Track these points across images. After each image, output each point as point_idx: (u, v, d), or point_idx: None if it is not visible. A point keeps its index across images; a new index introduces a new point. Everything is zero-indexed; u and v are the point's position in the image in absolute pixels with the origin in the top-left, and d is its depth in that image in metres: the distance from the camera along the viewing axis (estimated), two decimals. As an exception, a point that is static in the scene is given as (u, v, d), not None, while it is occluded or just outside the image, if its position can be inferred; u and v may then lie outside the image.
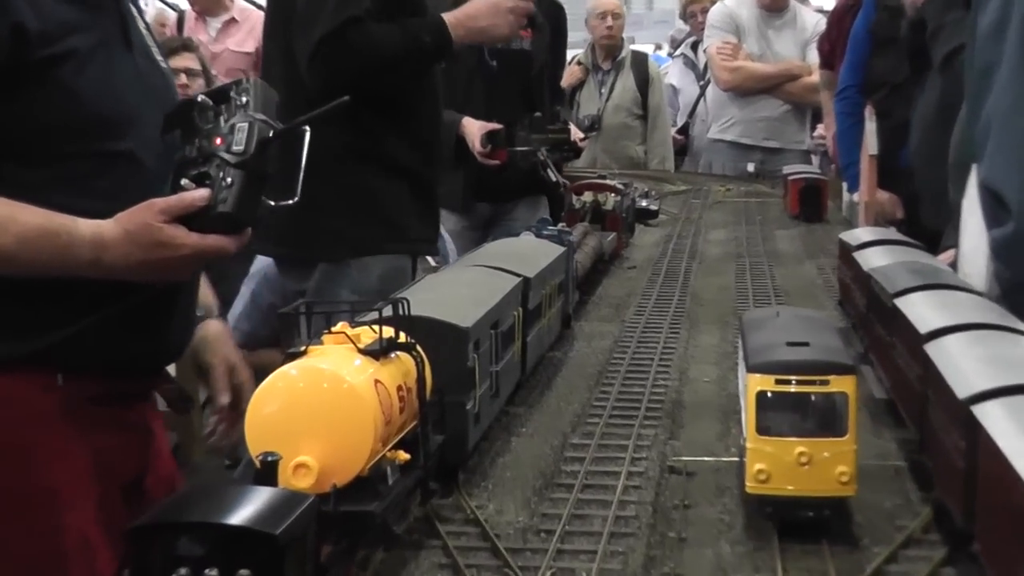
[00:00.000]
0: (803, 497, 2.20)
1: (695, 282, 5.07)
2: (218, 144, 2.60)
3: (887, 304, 3.04)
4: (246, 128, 2.59)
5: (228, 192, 2.57)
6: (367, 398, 2.05)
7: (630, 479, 2.62)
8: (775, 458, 2.20)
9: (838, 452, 2.20)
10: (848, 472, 2.20)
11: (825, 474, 2.19)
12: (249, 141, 2.58)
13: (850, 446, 2.21)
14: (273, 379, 2.07)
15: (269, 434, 2.01)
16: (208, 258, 2.65)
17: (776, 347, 2.32)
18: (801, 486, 2.20)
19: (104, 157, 2.69)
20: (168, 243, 2.57)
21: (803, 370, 2.21)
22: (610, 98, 9.66)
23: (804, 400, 2.20)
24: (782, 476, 2.19)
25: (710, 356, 3.79)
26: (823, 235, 6.33)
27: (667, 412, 3.15)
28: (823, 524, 2.23)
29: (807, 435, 2.19)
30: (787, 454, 2.19)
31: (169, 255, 2.58)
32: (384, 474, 2.12)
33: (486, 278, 3.23)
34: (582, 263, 4.55)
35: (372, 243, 4.16)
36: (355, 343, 2.18)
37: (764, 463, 2.21)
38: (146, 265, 2.59)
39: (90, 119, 2.66)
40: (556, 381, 3.52)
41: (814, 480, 2.19)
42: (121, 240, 2.57)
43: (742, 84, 9.51)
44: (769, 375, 2.21)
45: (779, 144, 9.63)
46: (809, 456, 2.19)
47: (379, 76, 4.12)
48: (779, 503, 2.23)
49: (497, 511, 2.46)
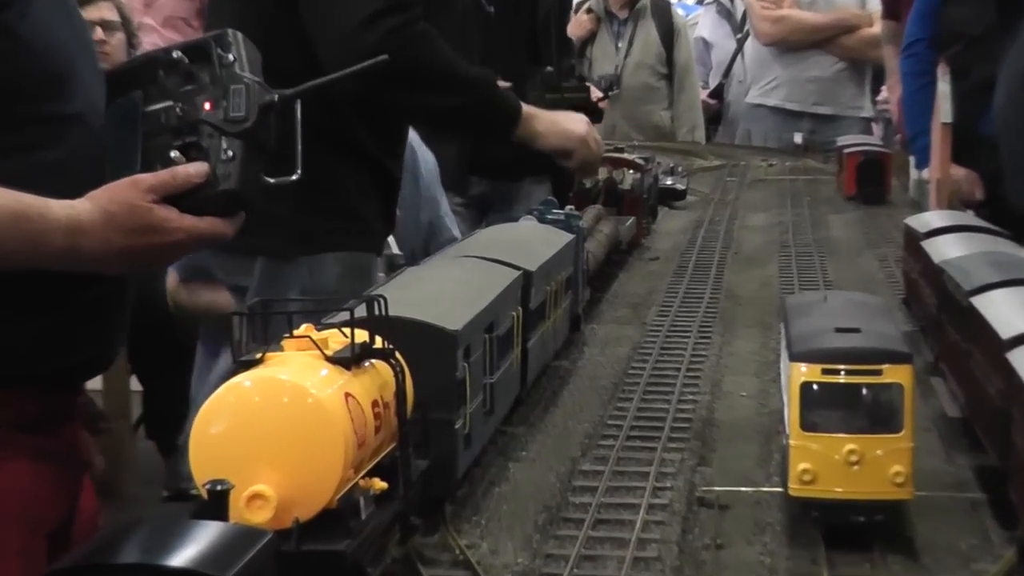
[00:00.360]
0: (853, 500, 2.27)
1: (730, 277, 5.09)
2: (207, 109, 2.59)
3: (962, 303, 3.06)
4: (244, 91, 2.59)
5: (230, 167, 2.57)
6: (336, 415, 2.06)
7: (651, 513, 2.63)
8: (822, 457, 2.26)
9: (893, 450, 2.26)
10: (904, 472, 2.26)
11: (878, 475, 2.25)
12: (250, 106, 2.58)
13: (906, 443, 2.27)
14: (223, 392, 2.08)
15: (218, 458, 2.02)
16: (203, 245, 2.65)
17: (823, 334, 2.39)
18: (851, 488, 2.26)
19: (58, 122, 2.68)
20: (159, 227, 2.56)
21: (853, 358, 2.28)
22: (629, 53, 9.66)
23: (854, 392, 2.27)
24: (829, 477, 2.26)
25: (748, 366, 3.80)
26: (886, 220, 6.35)
27: (696, 433, 3.17)
28: (875, 530, 2.29)
29: (858, 431, 2.26)
30: (835, 452, 2.25)
31: (158, 241, 2.57)
32: (356, 506, 2.13)
33: (478, 272, 3.24)
34: (594, 254, 4.57)
35: (330, 237, 4.18)
36: (322, 349, 2.19)
37: (809, 462, 2.27)
38: (129, 253, 2.57)
39: (40, 74, 2.65)
40: (563, 395, 3.54)
41: (866, 481, 2.25)
42: (101, 224, 2.55)
43: (788, 37, 9.53)
44: (815, 364, 2.28)
45: (833, 110, 9.64)
46: (860, 455, 2.25)
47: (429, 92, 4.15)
48: (826, 507, 2.30)
49: (492, 551, 2.47)
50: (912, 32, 6.78)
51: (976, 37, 6.06)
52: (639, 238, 5.69)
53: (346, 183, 4.21)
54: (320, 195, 4.13)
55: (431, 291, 2.93)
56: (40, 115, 2.67)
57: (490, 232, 4.00)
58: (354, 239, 4.24)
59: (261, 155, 2.63)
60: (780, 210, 6.75)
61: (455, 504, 2.67)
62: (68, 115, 2.71)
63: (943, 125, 5.57)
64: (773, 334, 4.08)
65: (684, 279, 5.00)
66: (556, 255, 3.69)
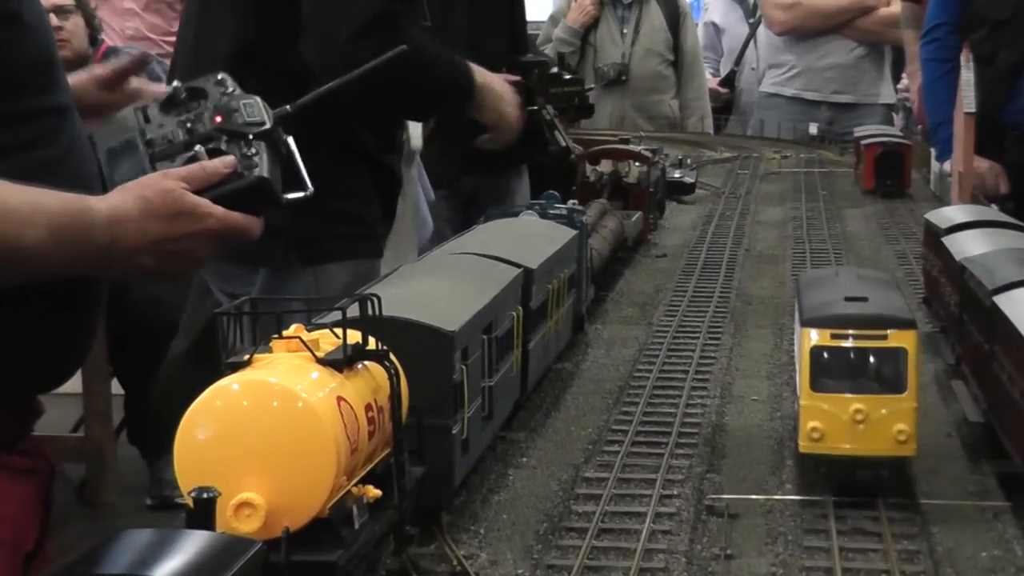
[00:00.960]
0: (859, 456, 2.55)
1: (741, 275, 5.10)
2: (218, 122, 2.71)
3: (985, 303, 3.07)
4: (256, 102, 2.73)
5: (257, 159, 2.68)
6: (327, 420, 2.08)
7: (658, 522, 2.65)
8: (830, 416, 2.54)
9: (897, 410, 2.54)
10: (907, 431, 2.53)
11: (883, 433, 2.52)
12: (263, 114, 2.72)
13: (910, 403, 2.54)
14: (209, 396, 2.09)
15: (204, 465, 2.03)
16: (234, 236, 2.70)
17: (833, 302, 2.68)
18: (857, 445, 2.54)
19: (52, 115, 2.71)
20: (193, 211, 2.63)
21: (861, 324, 2.56)
22: (637, 40, 9.66)
23: (861, 355, 2.55)
24: (837, 435, 2.54)
25: (760, 368, 3.82)
26: (905, 214, 6.36)
27: (705, 438, 3.18)
28: (880, 485, 2.58)
29: (864, 392, 2.53)
30: (843, 412, 2.54)
31: (191, 229, 2.63)
32: (349, 515, 2.15)
33: (477, 270, 3.26)
34: (598, 250, 4.58)
35: (334, 244, 4.21)
36: (312, 351, 2.20)
37: (818, 421, 2.56)
38: (164, 243, 2.62)
39: (38, 63, 2.69)
40: (565, 399, 3.55)
41: (871, 439, 2.53)
42: (137, 211, 2.60)
43: (802, 24, 9.53)
44: (825, 329, 2.56)
45: (853, 98, 9.64)
46: (866, 414, 2.53)
47: (415, 99, 4.24)
48: (834, 462, 2.58)
49: (491, 562, 2.49)
50: (934, 15, 6.76)
51: (1002, 21, 6.07)
52: (646, 234, 5.70)
53: (347, 184, 4.23)
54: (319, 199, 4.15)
55: (427, 290, 2.94)
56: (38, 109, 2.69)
57: (489, 228, 4.00)
58: (359, 246, 4.28)
59: (278, 164, 2.74)
60: (794, 204, 6.76)
61: (452, 513, 2.69)
62: (59, 107, 2.74)
63: (966, 114, 5.57)
64: (786, 335, 4.10)
65: (693, 277, 5.01)
66: (558, 252, 3.70)
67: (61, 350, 2.82)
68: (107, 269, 2.66)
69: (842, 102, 9.70)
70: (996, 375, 2.93)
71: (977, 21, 6.32)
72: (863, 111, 9.56)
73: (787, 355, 3.86)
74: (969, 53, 5.85)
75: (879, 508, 2.66)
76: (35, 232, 2.50)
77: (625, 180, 5.64)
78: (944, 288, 3.87)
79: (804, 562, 2.46)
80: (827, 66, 9.66)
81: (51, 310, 2.72)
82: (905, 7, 8.24)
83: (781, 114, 9.82)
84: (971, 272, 3.32)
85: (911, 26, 7.95)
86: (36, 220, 2.50)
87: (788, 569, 2.45)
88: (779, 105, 9.88)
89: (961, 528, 2.62)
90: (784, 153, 8.70)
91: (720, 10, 11.14)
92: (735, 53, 10.83)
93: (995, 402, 2.99)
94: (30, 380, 2.79)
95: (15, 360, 2.70)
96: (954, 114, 5.82)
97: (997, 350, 2.93)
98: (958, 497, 2.79)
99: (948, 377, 3.60)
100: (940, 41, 6.67)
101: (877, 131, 7.71)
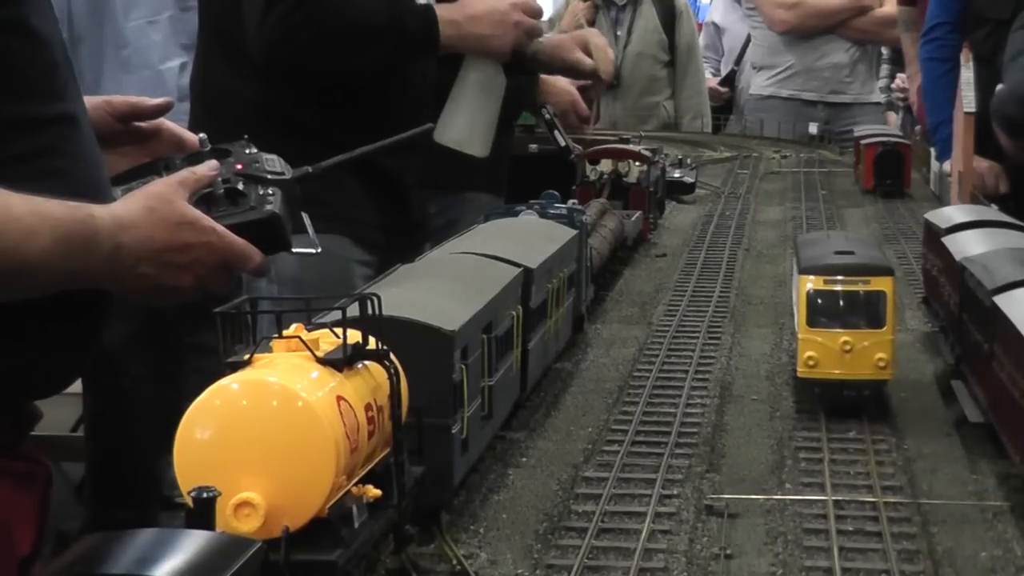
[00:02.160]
0: (846, 380, 3.19)
1: (741, 274, 5.10)
2: (240, 168, 2.73)
3: (985, 303, 3.07)
4: (277, 159, 2.77)
5: (271, 199, 2.71)
6: (327, 419, 2.08)
7: (658, 522, 2.65)
8: (823, 347, 3.18)
9: (877, 342, 3.18)
10: (886, 359, 3.19)
11: (866, 360, 3.17)
12: (284, 167, 2.76)
13: (888, 336, 3.18)
14: (209, 395, 2.09)
15: (204, 464, 2.04)
16: (230, 262, 2.66)
17: (826, 255, 3.33)
18: (845, 370, 3.18)
19: (60, 124, 2.66)
20: (195, 222, 2.61)
21: (848, 272, 3.21)
22: (629, 42, 9.61)
23: (848, 297, 3.19)
24: (828, 362, 3.19)
25: (760, 368, 3.82)
26: (905, 214, 6.36)
27: (705, 438, 3.18)
28: (862, 404, 3.22)
29: (851, 327, 3.18)
30: (833, 343, 3.17)
31: (194, 240, 2.60)
32: (348, 515, 2.15)
33: (476, 269, 3.26)
34: (598, 250, 4.58)
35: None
36: (312, 350, 2.20)
37: (813, 351, 3.20)
38: (168, 254, 2.59)
39: (45, 69, 2.65)
40: (565, 399, 3.55)
41: (856, 365, 3.17)
42: (142, 219, 2.58)
43: (803, 23, 9.54)
44: (819, 276, 3.22)
45: (848, 97, 9.65)
46: (852, 345, 3.17)
47: (345, 55, 4.18)
48: (825, 385, 3.22)
49: (491, 561, 2.49)
50: (934, 15, 6.76)
51: (1002, 21, 6.07)
52: (645, 233, 5.70)
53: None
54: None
55: (427, 289, 2.94)
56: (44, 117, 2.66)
57: (489, 227, 4.00)
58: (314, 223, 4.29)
59: (292, 214, 2.77)
60: (794, 204, 6.76)
61: (452, 512, 2.69)
62: (67, 116, 2.71)
63: (966, 114, 5.57)
64: (786, 334, 4.10)
65: (693, 277, 5.01)
66: (558, 251, 3.70)
67: (64, 362, 2.81)
68: (112, 277, 2.60)
69: (838, 101, 9.70)
70: (996, 375, 2.94)
71: (978, 21, 6.33)
72: (857, 110, 9.57)
73: (787, 355, 3.87)
74: (969, 53, 5.86)
75: (879, 508, 2.67)
76: (41, 241, 2.45)
77: (625, 180, 5.64)
78: (944, 288, 3.88)
79: (804, 562, 2.47)
80: (825, 66, 9.67)
81: (56, 322, 2.70)
82: (902, 10, 8.24)
83: (779, 114, 9.82)
84: (971, 272, 3.32)
85: (909, 29, 7.96)
86: (41, 229, 2.46)
87: (788, 569, 2.45)
88: (775, 106, 9.89)
89: (960, 528, 2.62)
90: (784, 153, 8.71)
91: (720, 10, 11.15)
92: (735, 53, 10.83)
93: (995, 402, 2.99)
94: (29, 391, 2.77)
95: (16, 372, 2.69)
96: (954, 114, 5.83)
97: (997, 350, 2.94)
98: (957, 497, 2.79)
99: (948, 377, 3.60)
100: (940, 40, 6.67)
101: (877, 131, 7.72)
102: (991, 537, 2.59)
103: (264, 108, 4.23)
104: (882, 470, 2.92)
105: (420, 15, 4.34)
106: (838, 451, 3.05)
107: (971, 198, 5.44)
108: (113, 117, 2.96)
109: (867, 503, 2.71)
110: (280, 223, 2.72)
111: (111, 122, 2.95)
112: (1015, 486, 2.80)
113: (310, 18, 4.10)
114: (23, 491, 2.84)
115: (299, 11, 4.09)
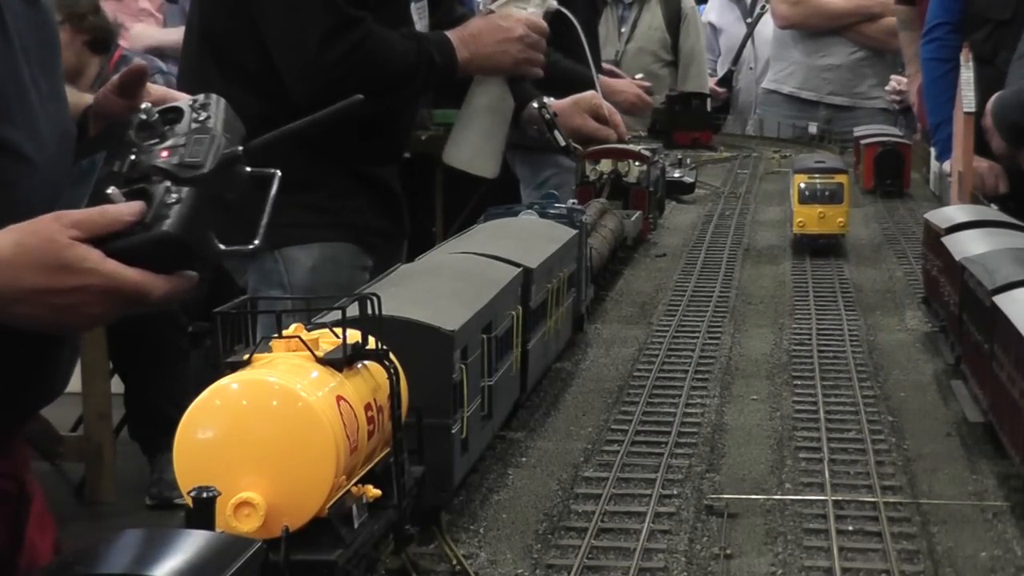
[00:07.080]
0: (821, 233, 5.40)
1: (741, 274, 5.11)
2: (164, 156, 2.49)
3: (985, 302, 3.07)
4: (206, 141, 2.50)
5: (170, 210, 2.41)
6: (327, 419, 2.08)
7: (657, 522, 2.65)
8: (807, 215, 5.40)
9: (838, 212, 5.42)
10: (843, 222, 5.43)
11: (832, 223, 5.39)
12: (207, 155, 2.48)
13: (845, 208, 5.45)
14: (209, 395, 2.09)
15: (204, 464, 2.03)
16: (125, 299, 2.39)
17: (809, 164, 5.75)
18: (820, 228, 5.40)
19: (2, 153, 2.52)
20: (73, 266, 2.32)
21: (820, 172, 5.49)
22: (631, 38, 9.62)
23: (821, 186, 5.38)
24: (811, 224, 5.39)
25: (760, 368, 3.82)
26: (905, 214, 6.36)
27: (704, 438, 3.18)
28: (831, 247, 5.42)
29: (823, 203, 5.38)
30: (813, 212, 5.39)
31: (73, 284, 2.33)
32: (348, 515, 2.15)
33: (476, 269, 3.26)
34: (598, 250, 4.59)
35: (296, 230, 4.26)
36: (312, 350, 2.20)
37: (802, 218, 5.40)
38: (46, 296, 2.35)
39: None
40: (565, 399, 3.55)
41: (826, 225, 5.39)
42: (10, 256, 2.32)
43: (806, 21, 9.55)
44: (804, 175, 5.46)
45: (850, 100, 9.65)
46: (824, 213, 5.38)
47: (383, 96, 4.23)
48: (809, 237, 5.42)
49: (490, 561, 2.49)
50: (935, 15, 6.77)
51: (1003, 21, 6.07)
52: (645, 234, 5.70)
53: (318, 181, 4.33)
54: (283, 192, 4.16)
55: (426, 289, 2.94)
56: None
57: (488, 227, 4.00)
58: (323, 231, 4.33)
59: (216, 210, 2.49)
60: (794, 204, 6.76)
61: (452, 512, 2.69)
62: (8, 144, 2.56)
63: (966, 114, 5.57)
64: (786, 334, 4.10)
65: (693, 277, 5.02)
66: (558, 251, 3.70)
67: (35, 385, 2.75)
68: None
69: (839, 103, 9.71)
70: (996, 375, 2.94)
71: (978, 21, 6.33)
72: (860, 114, 9.56)
73: (787, 355, 3.87)
74: (969, 53, 5.86)
75: (879, 508, 2.67)
76: None
77: (625, 179, 5.64)
78: (944, 288, 3.88)
79: (804, 562, 2.47)
80: (826, 66, 9.67)
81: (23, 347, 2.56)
82: (900, 10, 8.26)
83: (779, 113, 9.83)
84: (971, 272, 3.32)
85: (907, 28, 7.96)
86: None
87: (788, 569, 2.45)
88: (776, 104, 9.90)
89: (960, 528, 2.63)
90: (783, 152, 8.71)
91: (717, 10, 11.16)
92: (732, 53, 10.84)
93: (995, 402, 2.99)
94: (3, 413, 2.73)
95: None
96: (954, 114, 5.83)
97: (997, 350, 2.93)
98: (957, 497, 2.79)
99: (948, 377, 3.61)
100: (940, 41, 6.67)
101: (877, 131, 7.71)
102: (991, 537, 2.60)
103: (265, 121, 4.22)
104: (882, 470, 2.93)
105: (441, 47, 4.47)
106: (838, 451, 3.05)
107: (971, 198, 5.44)
108: (120, 96, 2.81)
109: (867, 503, 2.72)
110: (174, 242, 2.39)
111: (120, 101, 2.80)
112: (1015, 486, 2.80)
113: (359, 66, 4.20)
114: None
115: (368, 43, 4.21)
